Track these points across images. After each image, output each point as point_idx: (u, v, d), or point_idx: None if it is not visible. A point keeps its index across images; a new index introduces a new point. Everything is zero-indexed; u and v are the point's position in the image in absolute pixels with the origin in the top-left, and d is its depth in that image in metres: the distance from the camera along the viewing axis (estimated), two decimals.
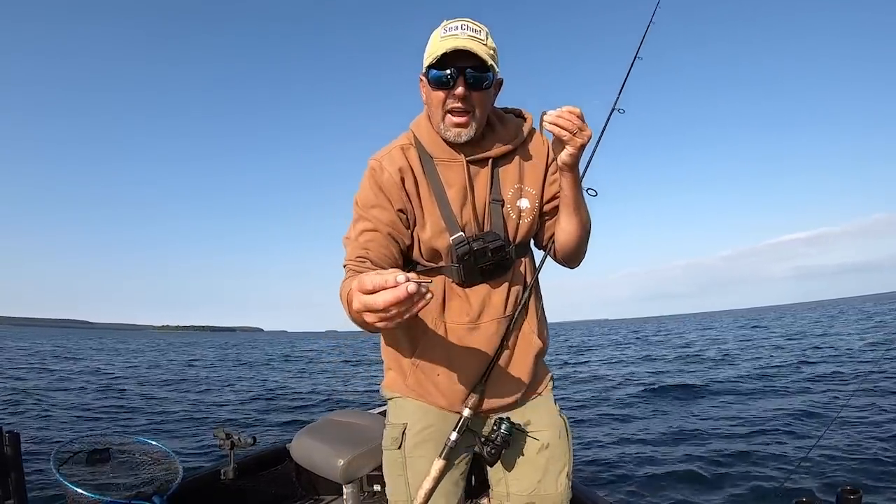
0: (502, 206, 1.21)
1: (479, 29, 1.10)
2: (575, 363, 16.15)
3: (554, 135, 1.08)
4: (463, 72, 1.09)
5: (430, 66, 1.10)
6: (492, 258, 1.18)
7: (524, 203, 1.23)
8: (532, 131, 1.28)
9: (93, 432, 2.25)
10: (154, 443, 2.17)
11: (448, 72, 1.09)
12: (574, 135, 1.07)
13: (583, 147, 1.09)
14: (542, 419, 1.27)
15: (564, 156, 1.10)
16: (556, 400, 1.34)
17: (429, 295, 0.69)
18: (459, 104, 1.11)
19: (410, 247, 1.20)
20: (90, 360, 20.57)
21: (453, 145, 1.19)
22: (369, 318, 0.74)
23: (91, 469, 1.95)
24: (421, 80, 1.17)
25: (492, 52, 1.11)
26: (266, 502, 2.57)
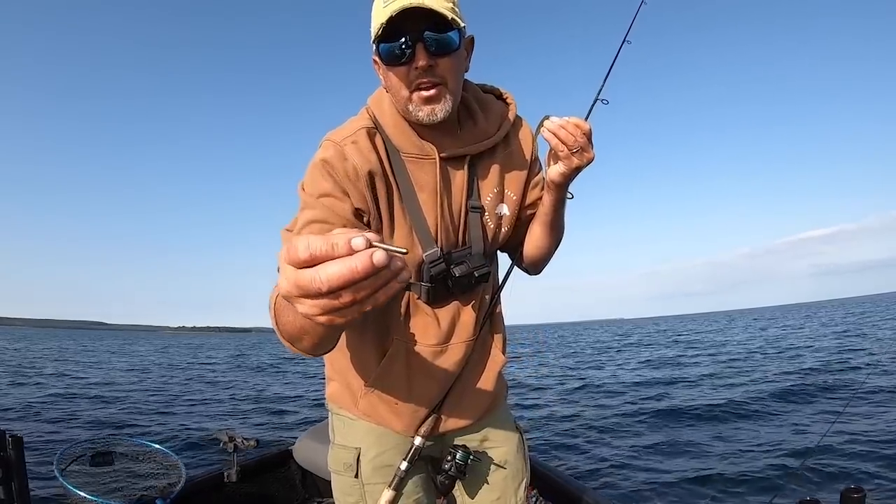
0: (481, 215, 1.04)
1: None
2: (586, 366, 16.15)
3: (550, 146, 0.93)
4: (420, 37, 0.86)
5: (379, 40, 0.88)
6: (474, 285, 1.04)
7: (503, 210, 1.07)
8: (517, 121, 1.09)
9: (96, 435, 2.25)
10: (157, 445, 2.17)
11: (402, 41, 0.86)
12: (573, 153, 0.91)
13: (579, 170, 0.94)
14: (498, 434, 1.18)
15: (555, 174, 0.96)
16: (511, 413, 1.26)
17: (404, 273, 0.43)
18: (425, 76, 0.89)
19: None
20: (98, 362, 20.59)
21: (424, 137, 0.99)
22: (306, 306, 0.44)
23: (94, 472, 1.96)
24: (375, 60, 0.95)
25: (450, 4, 0.87)
26: None
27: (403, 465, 1.06)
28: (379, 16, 0.86)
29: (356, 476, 1.10)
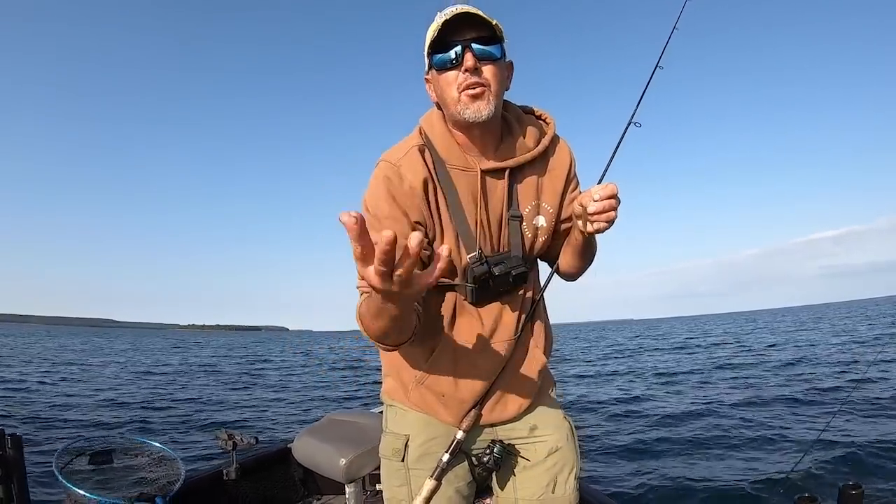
0: (520, 223, 1.13)
1: (476, 8, 1.02)
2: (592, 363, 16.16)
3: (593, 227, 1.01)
4: (468, 45, 1.01)
5: (434, 52, 1.03)
6: (512, 283, 1.12)
7: (541, 221, 1.16)
8: (554, 139, 1.18)
9: (95, 434, 2.25)
10: (156, 444, 2.17)
11: (453, 48, 1.01)
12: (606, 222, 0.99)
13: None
14: (548, 423, 1.24)
15: (589, 229, 1.02)
16: (561, 404, 1.32)
17: (415, 249, 0.63)
18: (472, 77, 1.01)
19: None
20: (102, 360, 20.57)
21: (468, 152, 1.11)
22: (373, 277, 0.66)
23: (93, 470, 1.96)
24: (427, 80, 1.11)
25: (494, 21, 1.02)
26: (268, 502, 2.57)
27: (445, 457, 1.13)
28: (433, 31, 1.01)
29: (402, 460, 1.19)
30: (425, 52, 1.06)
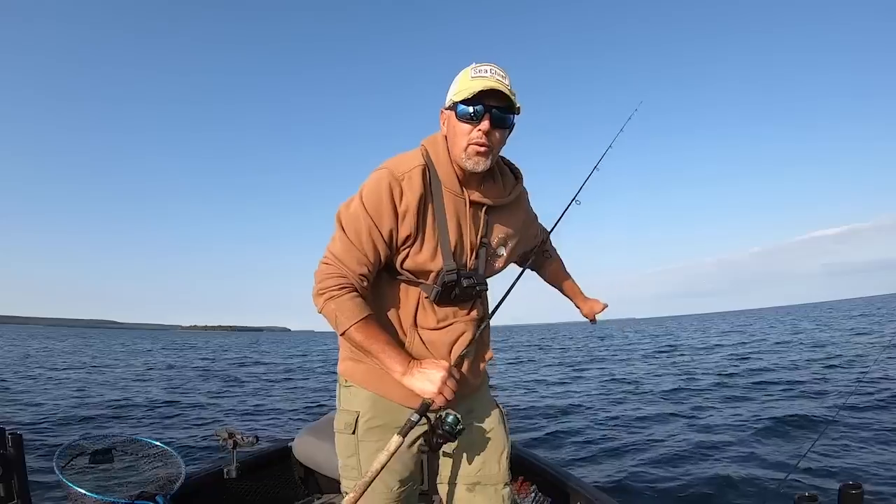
0: (487, 248, 1.36)
1: (504, 75, 1.23)
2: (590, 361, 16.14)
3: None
4: (490, 110, 1.19)
5: (461, 102, 1.20)
6: (473, 297, 1.35)
7: (502, 251, 1.41)
8: (522, 191, 1.45)
9: (96, 432, 2.25)
10: (157, 442, 2.18)
11: (477, 108, 1.19)
12: None
13: None
14: (482, 408, 1.45)
15: (588, 316, 1.73)
16: (493, 394, 1.55)
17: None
18: (483, 138, 1.20)
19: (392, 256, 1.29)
20: (103, 360, 20.57)
21: (462, 182, 1.29)
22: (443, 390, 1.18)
23: (94, 469, 1.96)
24: (443, 112, 1.28)
25: (514, 95, 1.22)
26: (269, 501, 2.58)
27: (415, 417, 1.23)
28: (467, 84, 1.20)
29: (353, 433, 1.36)
30: (451, 95, 1.23)
